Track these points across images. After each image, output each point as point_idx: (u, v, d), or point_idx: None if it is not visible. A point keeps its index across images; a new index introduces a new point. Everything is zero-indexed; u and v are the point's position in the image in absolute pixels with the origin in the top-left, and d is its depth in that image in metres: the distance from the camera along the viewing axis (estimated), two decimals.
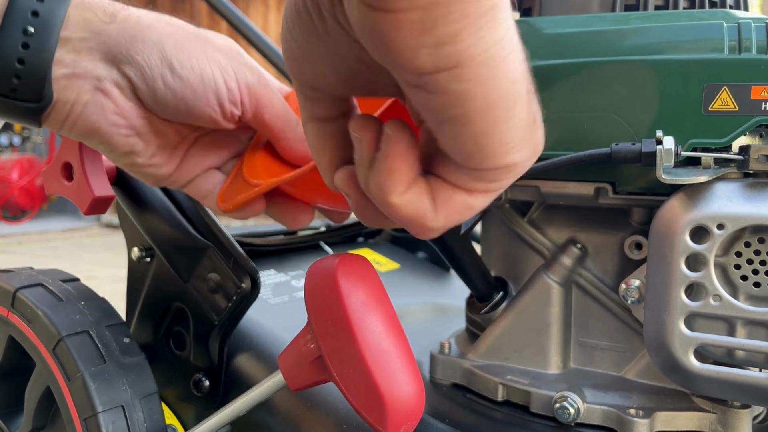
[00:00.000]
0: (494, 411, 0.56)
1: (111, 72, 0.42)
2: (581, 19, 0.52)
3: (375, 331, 0.41)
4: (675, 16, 0.50)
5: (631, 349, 0.55)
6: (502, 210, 0.61)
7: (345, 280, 0.41)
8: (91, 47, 0.41)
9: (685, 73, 0.46)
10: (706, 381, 0.46)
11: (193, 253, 0.62)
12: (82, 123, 0.43)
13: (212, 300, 0.61)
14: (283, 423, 0.59)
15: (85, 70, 0.41)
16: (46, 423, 0.61)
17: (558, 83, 0.49)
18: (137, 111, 0.44)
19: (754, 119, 0.44)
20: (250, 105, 0.45)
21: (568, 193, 0.52)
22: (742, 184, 0.45)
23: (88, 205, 0.61)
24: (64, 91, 0.41)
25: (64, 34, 0.40)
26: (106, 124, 0.43)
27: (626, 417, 0.50)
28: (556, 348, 0.57)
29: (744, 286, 0.45)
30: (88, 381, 0.53)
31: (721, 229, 0.43)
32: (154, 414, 0.56)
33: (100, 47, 0.41)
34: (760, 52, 0.45)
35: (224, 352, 0.62)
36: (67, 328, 0.55)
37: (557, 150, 0.49)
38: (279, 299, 0.75)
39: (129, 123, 0.44)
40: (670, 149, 0.43)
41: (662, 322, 0.46)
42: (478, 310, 0.61)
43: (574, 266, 0.56)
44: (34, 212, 5.85)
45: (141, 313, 0.68)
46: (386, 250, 0.98)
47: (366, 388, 0.40)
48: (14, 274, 0.62)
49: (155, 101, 0.43)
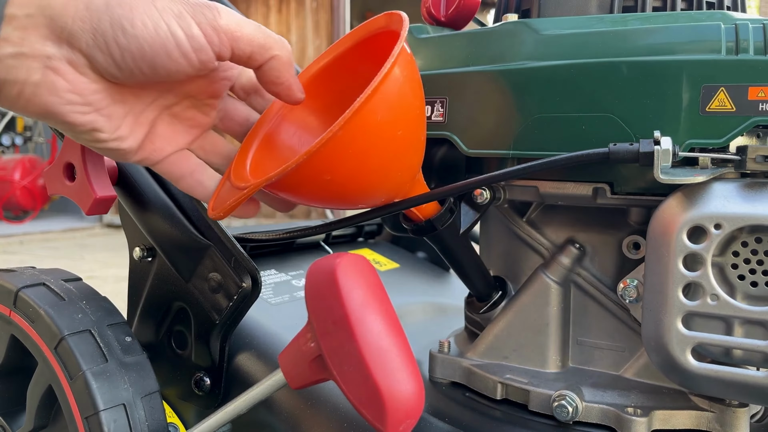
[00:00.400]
0: (493, 409, 0.57)
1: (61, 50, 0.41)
2: (579, 20, 0.53)
3: (375, 330, 0.41)
4: (673, 17, 0.50)
5: (630, 348, 0.56)
6: (501, 210, 0.61)
7: (345, 280, 0.42)
8: (38, 23, 0.39)
9: (682, 74, 0.46)
10: (704, 380, 0.46)
11: (195, 253, 0.62)
12: (35, 103, 0.41)
13: (213, 299, 0.61)
14: (283, 421, 0.59)
15: (33, 49, 0.40)
16: (48, 422, 0.61)
17: (556, 84, 0.49)
18: (93, 86, 0.42)
19: (751, 120, 0.45)
20: (220, 42, 0.43)
21: (567, 194, 0.52)
22: (739, 184, 0.45)
23: (90, 206, 0.62)
24: (12, 71, 0.40)
25: (9, 11, 0.38)
26: (60, 103, 0.41)
27: (624, 415, 0.50)
28: (554, 347, 0.57)
29: (741, 286, 0.45)
30: (89, 380, 0.53)
31: (719, 229, 0.44)
32: (156, 413, 0.56)
33: (47, 22, 0.40)
34: (757, 53, 0.45)
35: (225, 351, 0.62)
36: (69, 327, 0.55)
37: (555, 150, 0.49)
38: (279, 299, 0.75)
39: (85, 99, 0.42)
40: (668, 149, 0.44)
41: (660, 321, 0.46)
42: (477, 309, 0.62)
43: (572, 266, 0.57)
44: (35, 212, 5.85)
45: (142, 312, 0.68)
46: (386, 250, 0.99)
47: (366, 387, 0.40)
48: (16, 273, 0.62)
49: (116, 67, 0.42)
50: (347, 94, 0.52)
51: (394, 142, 0.44)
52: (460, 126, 0.54)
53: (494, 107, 0.52)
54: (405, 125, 0.45)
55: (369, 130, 0.42)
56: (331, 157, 0.42)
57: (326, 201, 0.48)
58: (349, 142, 0.42)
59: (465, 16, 0.62)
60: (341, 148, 0.42)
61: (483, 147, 0.54)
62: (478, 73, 0.53)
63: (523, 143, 0.51)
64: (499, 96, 0.52)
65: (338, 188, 0.45)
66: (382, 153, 0.44)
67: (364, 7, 7.02)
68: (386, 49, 0.46)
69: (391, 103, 0.43)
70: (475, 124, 0.54)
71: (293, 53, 0.55)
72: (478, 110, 0.53)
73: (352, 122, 0.40)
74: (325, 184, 0.44)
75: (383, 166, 0.45)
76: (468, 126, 0.54)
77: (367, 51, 0.51)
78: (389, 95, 0.42)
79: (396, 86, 0.42)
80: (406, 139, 0.46)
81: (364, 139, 0.42)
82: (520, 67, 0.51)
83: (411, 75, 0.45)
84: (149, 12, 0.41)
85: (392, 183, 0.48)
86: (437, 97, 0.55)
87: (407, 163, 0.48)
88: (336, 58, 0.53)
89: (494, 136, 0.53)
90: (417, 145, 0.48)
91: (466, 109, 0.54)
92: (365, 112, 0.41)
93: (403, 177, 0.48)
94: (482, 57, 0.54)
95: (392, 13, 0.47)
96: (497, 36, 0.54)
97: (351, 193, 0.46)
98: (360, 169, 0.44)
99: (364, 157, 0.43)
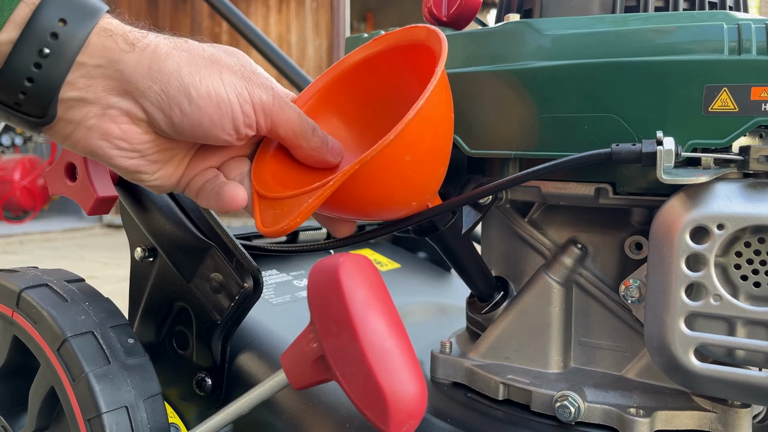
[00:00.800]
0: (495, 410, 0.57)
1: (123, 101, 0.42)
2: (582, 20, 0.53)
3: (377, 330, 0.41)
4: (675, 17, 0.50)
5: (632, 349, 0.56)
6: (502, 210, 0.61)
7: (348, 280, 0.42)
8: (107, 74, 0.41)
9: (685, 74, 0.46)
10: (707, 380, 0.46)
11: (196, 253, 0.62)
12: (84, 143, 0.43)
13: (215, 300, 0.61)
14: (285, 422, 0.59)
15: (96, 97, 0.41)
16: (50, 423, 0.61)
17: (559, 84, 0.49)
18: (144, 137, 0.44)
19: (754, 120, 0.45)
20: (265, 124, 0.46)
21: (569, 194, 0.52)
22: (742, 184, 0.45)
23: (91, 206, 0.62)
24: (69, 112, 0.41)
25: (80, 59, 0.40)
26: (108, 148, 0.43)
27: (627, 416, 0.50)
28: (556, 347, 0.57)
29: (744, 286, 0.45)
30: (92, 382, 0.53)
31: (722, 229, 0.44)
32: (158, 414, 0.56)
33: (116, 75, 0.41)
34: (760, 53, 0.45)
35: (227, 351, 0.62)
36: (71, 329, 0.55)
37: (558, 151, 0.49)
38: (281, 299, 0.75)
39: (134, 147, 0.44)
40: (671, 150, 0.44)
41: (662, 321, 0.46)
42: (479, 309, 0.62)
43: (574, 266, 0.57)
44: (35, 212, 5.85)
45: (144, 312, 0.68)
46: (387, 250, 0.99)
47: (368, 387, 0.40)
48: (19, 274, 0.62)
49: (173, 129, 0.44)
50: (370, 101, 0.53)
51: (419, 171, 0.45)
52: (462, 126, 0.54)
53: (496, 107, 0.52)
54: (433, 154, 0.46)
55: (398, 160, 0.43)
56: (360, 181, 0.43)
57: (346, 214, 0.48)
58: (380, 169, 0.43)
59: (466, 16, 0.62)
60: (371, 174, 0.43)
61: (485, 147, 0.54)
62: (479, 74, 0.53)
63: (526, 143, 0.51)
64: (501, 96, 0.52)
65: (362, 206, 0.46)
66: (408, 181, 0.45)
67: (364, 7, 7.02)
68: (419, 61, 0.47)
69: (421, 136, 0.44)
70: (477, 125, 0.54)
71: (293, 53, 0.56)
72: (480, 111, 0.53)
73: (386, 150, 0.41)
74: (351, 202, 0.45)
75: (406, 191, 0.46)
76: (470, 126, 0.54)
77: (401, 58, 0.51)
78: (419, 130, 0.43)
79: (427, 120, 0.44)
80: (432, 166, 0.47)
81: (392, 168, 0.43)
82: (522, 67, 0.51)
83: (446, 103, 0.47)
84: (216, 84, 0.43)
85: (411, 205, 0.49)
86: None
87: (430, 186, 0.49)
88: (369, 57, 0.53)
89: (496, 137, 0.53)
90: (442, 167, 0.49)
91: (468, 110, 0.54)
92: (396, 144, 0.42)
93: (424, 198, 0.49)
94: (484, 57, 0.54)
95: (433, 31, 0.48)
96: (499, 36, 0.54)
97: (372, 211, 0.48)
98: (384, 193, 0.45)
99: (389, 183, 0.44)
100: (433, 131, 0.45)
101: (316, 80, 0.55)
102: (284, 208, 0.45)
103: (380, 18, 7.25)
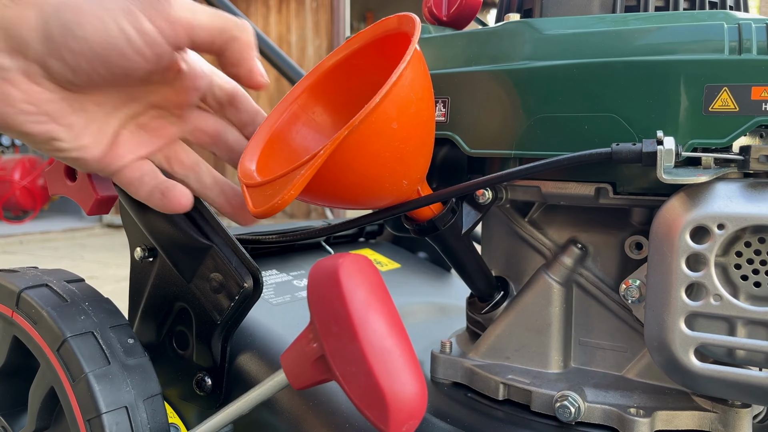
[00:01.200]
0: (495, 410, 0.56)
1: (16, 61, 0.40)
2: (582, 20, 0.53)
3: (377, 330, 0.41)
4: (675, 17, 0.50)
5: (632, 349, 0.56)
6: (502, 210, 0.61)
7: (348, 280, 0.42)
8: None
9: (685, 74, 0.46)
10: (707, 380, 0.46)
11: (196, 253, 0.62)
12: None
13: (215, 300, 0.61)
14: (285, 422, 0.59)
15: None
16: (50, 423, 0.61)
17: (558, 84, 0.49)
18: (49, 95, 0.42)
19: (755, 120, 0.45)
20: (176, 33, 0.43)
21: (569, 194, 0.52)
22: (742, 184, 0.45)
23: (91, 206, 0.61)
24: None
25: None
26: (14, 113, 0.41)
27: (627, 416, 0.50)
28: (557, 347, 0.57)
29: (744, 286, 0.45)
30: (92, 382, 0.53)
31: (722, 229, 0.44)
32: (158, 415, 0.56)
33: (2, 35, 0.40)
34: (760, 53, 0.45)
35: (227, 351, 0.62)
36: (71, 329, 0.55)
37: (558, 150, 0.49)
38: (281, 299, 0.75)
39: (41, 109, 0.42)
40: (671, 149, 0.44)
41: (663, 321, 0.46)
42: (479, 309, 0.62)
43: (574, 266, 0.57)
44: (35, 212, 5.85)
45: (144, 312, 0.68)
46: (387, 250, 0.98)
47: (368, 388, 0.40)
48: (19, 274, 0.62)
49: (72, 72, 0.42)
50: (357, 95, 0.52)
51: (406, 142, 0.44)
52: (462, 126, 0.54)
53: (496, 107, 0.52)
54: (417, 125, 0.45)
55: (384, 128, 0.42)
56: (348, 153, 0.41)
57: (335, 200, 0.47)
58: (367, 138, 0.42)
59: (467, 15, 0.62)
60: (359, 143, 0.41)
61: (485, 147, 0.54)
62: (480, 73, 0.53)
63: (526, 143, 0.51)
64: (501, 96, 0.52)
65: (352, 186, 0.45)
66: (396, 152, 0.44)
67: (364, 7, 7.02)
68: (396, 50, 0.46)
69: (405, 102, 0.43)
70: (477, 124, 0.54)
71: (293, 53, 0.56)
72: (480, 110, 0.53)
73: (372, 115, 0.40)
74: (340, 181, 0.44)
75: (395, 165, 0.45)
76: (470, 126, 0.54)
77: (376, 52, 0.51)
78: (403, 95, 0.42)
79: (409, 87, 0.43)
80: (418, 139, 0.46)
81: (380, 137, 0.42)
82: (522, 66, 0.51)
83: (424, 76, 0.46)
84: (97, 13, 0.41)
85: (401, 184, 0.47)
86: (439, 97, 0.55)
87: (418, 163, 0.48)
88: (345, 57, 0.53)
89: (496, 136, 0.53)
90: (428, 146, 0.48)
91: (468, 109, 0.54)
92: (382, 108, 0.41)
93: (413, 177, 0.48)
94: (484, 57, 0.54)
95: (404, 15, 0.47)
96: (499, 36, 0.54)
97: (361, 193, 0.46)
98: (373, 168, 0.44)
99: (378, 154, 0.43)
100: (417, 99, 0.44)
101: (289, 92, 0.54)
102: (275, 188, 0.44)
103: (380, 18, 7.23)
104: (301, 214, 5.66)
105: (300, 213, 5.67)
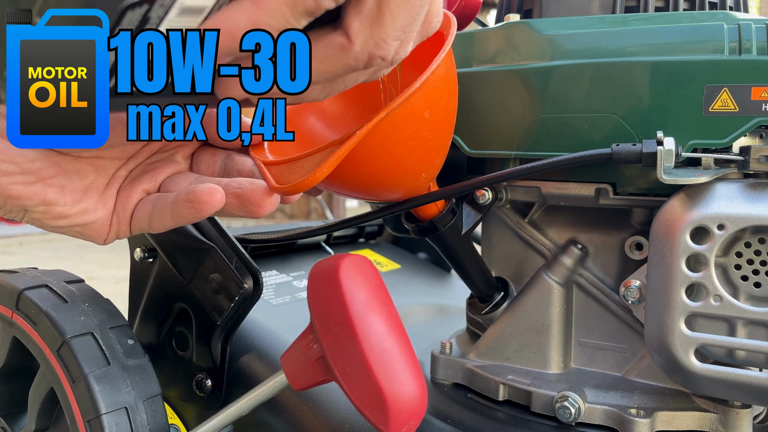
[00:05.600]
0: (495, 411, 0.56)
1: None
2: (582, 20, 0.53)
3: (377, 331, 0.41)
4: (675, 17, 0.50)
5: (632, 350, 0.56)
6: (503, 210, 0.61)
7: (347, 281, 0.42)
8: None
9: (685, 74, 0.46)
10: (707, 381, 0.46)
11: (196, 254, 0.62)
12: None
13: (215, 300, 0.61)
14: (285, 423, 0.59)
15: None
16: (50, 424, 0.61)
17: (559, 84, 0.49)
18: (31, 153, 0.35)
19: (755, 120, 0.45)
20: None
21: (569, 194, 0.52)
22: (742, 184, 0.45)
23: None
24: None
25: None
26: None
27: (627, 417, 0.50)
28: (557, 348, 0.57)
29: (744, 287, 0.45)
30: (92, 383, 0.53)
31: (722, 230, 0.43)
32: (158, 415, 0.56)
33: None
34: (760, 54, 0.45)
35: (227, 352, 0.62)
36: (71, 330, 0.55)
37: (558, 151, 0.49)
38: (281, 300, 0.75)
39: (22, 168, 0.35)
40: (671, 150, 0.44)
41: (663, 322, 0.46)
42: (479, 310, 0.61)
43: (574, 267, 0.57)
44: None
45: (144, 313, 0.68)
46: (387, 250, 0.98)
47: (368, 388, 0.40)
48: (19, 275, 0.62)
49: None
50: (369, 87, 0.52)
51: (434, 133, 0.44)
52: (462, 127, 0.54)
53: (496, 108, 0.52)
54: (445, 119, 0.45)
55: (418, 115, 0.41)
56: (382, 136, 0.40)
57: (351, 186, 0.45)
58: (401, 122, 0.41)
59: (467, 16, 0.62)
60: (393, 127, 0.40)
61: (485, 148, 0.54)
62: (480, 74, 0.53)
63: (526, 144, 0.51)
64: (501, 96, 0.52)
65: (373, 173, 0.43)
66: (423, 141, 0.43)
67: None
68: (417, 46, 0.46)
69: (438, 93, 0.42)
70: (478, 125, 0.54)
71: None
72: (481, 111, 0.53)
73: (410, 100, 0.39)
74: (365, 165, 0.42)
75: (420, 155, 0.44)
76: (470, 127, 0.54)
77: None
78: (438, 85, 0.42)
79: (443, 79, 0.42)
80: (443, 133, 0.45)
81: (412, 123, 0.41)
82: (522, 67, 0.51)
83: (454, 73, 0.45)
84: None
85: (419, 177, 0.47)
86: None
87: (439, 157, 0.47)
88: None
89: (496, 137, 0.53)
90: (447, 144, 0.48)
91: (468, 110, 0.54)
92: (420, 94, 0.40)
93: (431, 173, 0.48)
94: (484, 57, 0.54)
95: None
96: (499, 36, 0.54)
97: (380, 181, 0.45)
98: (400, 154, 0.43)
99: (407, 141, 0.42)
100: (447, 92, 0.44)
101: None
102: (304, 165, 0.40)
103: None
104: (301, 214, 5.66)
105: (300, 213, 5.67)
